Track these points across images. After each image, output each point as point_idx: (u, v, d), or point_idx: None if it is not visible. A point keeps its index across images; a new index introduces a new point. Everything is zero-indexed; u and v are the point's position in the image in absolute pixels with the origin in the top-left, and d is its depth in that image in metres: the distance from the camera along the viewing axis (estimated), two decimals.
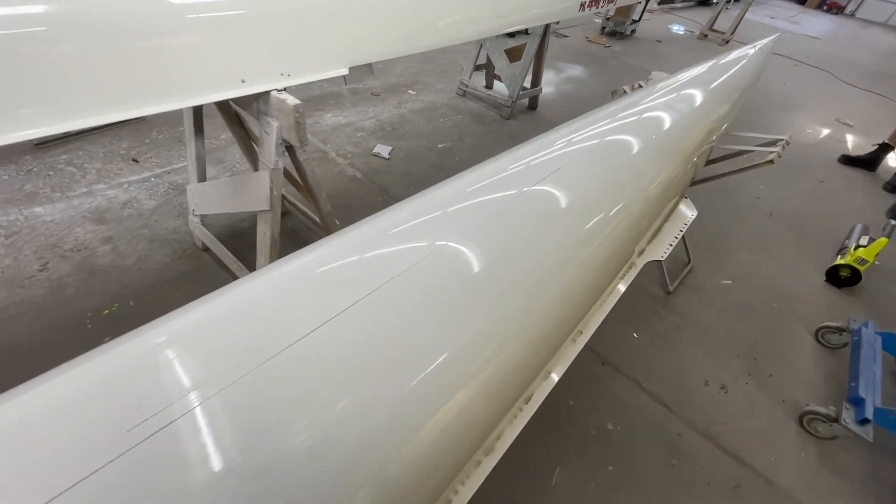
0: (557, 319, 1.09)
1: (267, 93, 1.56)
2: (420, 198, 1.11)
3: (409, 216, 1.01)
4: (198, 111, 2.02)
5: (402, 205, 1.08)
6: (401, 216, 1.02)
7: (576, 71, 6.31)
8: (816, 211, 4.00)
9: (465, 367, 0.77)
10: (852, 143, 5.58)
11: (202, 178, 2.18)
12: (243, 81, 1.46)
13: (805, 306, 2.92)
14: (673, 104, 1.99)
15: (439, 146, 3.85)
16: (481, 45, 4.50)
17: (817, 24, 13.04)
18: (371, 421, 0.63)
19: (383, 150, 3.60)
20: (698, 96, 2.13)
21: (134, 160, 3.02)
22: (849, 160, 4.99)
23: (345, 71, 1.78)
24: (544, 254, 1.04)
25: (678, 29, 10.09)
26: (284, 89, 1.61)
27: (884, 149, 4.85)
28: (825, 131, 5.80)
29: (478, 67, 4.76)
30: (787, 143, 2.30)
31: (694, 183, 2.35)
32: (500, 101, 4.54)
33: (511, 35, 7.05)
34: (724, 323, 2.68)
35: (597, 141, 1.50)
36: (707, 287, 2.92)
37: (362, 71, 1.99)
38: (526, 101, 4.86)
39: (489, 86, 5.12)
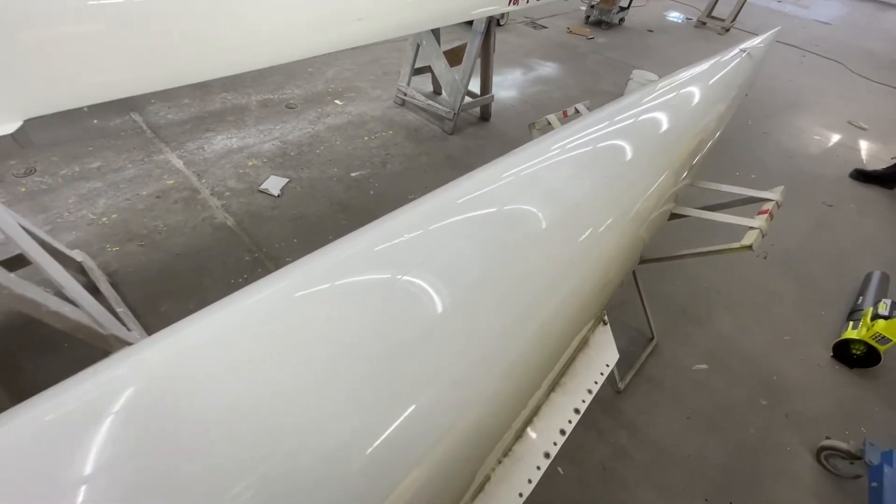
0: None
1: None
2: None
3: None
4: None
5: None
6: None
7: (547, 69, 5.50)
8: (823, 249, 3.25)
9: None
10: (867, 152, 4.77)
11: None
12: None
13: (804, 401, 2.20)
14: (616, 155, 1.28)
15: (353, 175, 3.12)
16: (419, 45, 3.73)
17: (828, 7, 12.01)
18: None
19: (274, 184, 2.87)
20: (658, 142, 1.40)
21: None
22: (863, 176, 4.20)
23: (13, 127, 1.05)
24: None
25: (675, 16, 9.19)
26: None
27: None
28: (835, 137, 4.98)
29: (417, 71, 4.00)
30: (779, 205, 1.56)
31: (642, 262, 1.62)
32: (443, 113, 3.78)
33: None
34: (691, 438, 1.97)
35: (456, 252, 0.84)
36: (673, 376, 2.20)
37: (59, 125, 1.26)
38: (477, 110, 4.09)
39: (437, 91, 4.35)
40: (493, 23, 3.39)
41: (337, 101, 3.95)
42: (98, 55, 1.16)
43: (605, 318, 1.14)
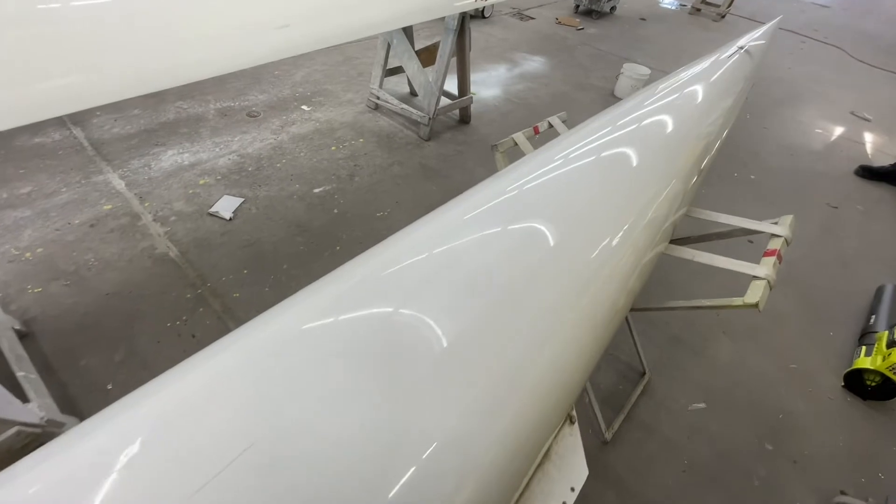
0: None
1: None
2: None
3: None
4: None
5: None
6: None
7: (534, 64, 5.20)
8: (828, 258, 3.00)
9: None
10: (872, 145, 4.51)
11: None
12: None
13: (814, 443, 1.96)
14: (601, 189, 1.06)
15: (315, 191, 2.85)
16: (389, 44, 3.44)
17: None
18: None
19: (227, 206, 2.60)
20: (650, 172, 1.17)
21: None
22: (869, 172, 3.94)
23: None
24: None
25: (668, 3, 8.85)
26: None
27: None
28: (838, 130, 4.71)
29: (391, 71, 3.71)
30: (788, 243, 1.31)
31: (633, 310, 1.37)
32: (417, 117, 3.50)
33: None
34: (688, 496, 1.73)
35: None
36: (667, 419, 1.96)
37: None
38: (457, 112, 3.81)
39: (414, 93, 4.06)
40: (468, 19, 3.09)
41: (304, 107, 3.66)
42: None
43: (574, 413, 0.89)
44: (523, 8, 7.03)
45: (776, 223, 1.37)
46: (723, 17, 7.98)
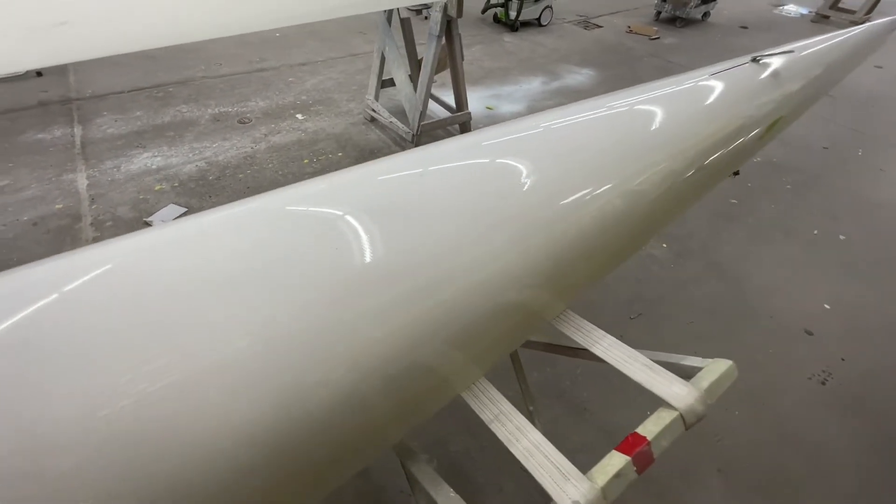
0: None
1: None
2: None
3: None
4: None
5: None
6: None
7: (579, 77, 4.54)
8: None
9: None
10: None
11: None
12: None
13: None
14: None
15: None
16: (383, 53, 3.14)
17: None
18: None
19: (165, 216, 2.49)
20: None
21: None
22: None
23: None
24: None
25: (790, 10, 7.41)
26: None
27: None
28: None
29: (386, 83, 3.40)
30: (687, 424, 0.69)
31: None
32: (403, 133, 3.15)
33: (512, 28, 5.48)
34: None
35: None
36: None
37: None
38: (457, 128, 3.38)
39: None
40: (455, 23, 2.66)
41: (298, 116, 3.52)
42: None
43: None
44: (592, 15, 6.31)
45: (698, 371, 0.74)
46: (858, 25, 6.39)
